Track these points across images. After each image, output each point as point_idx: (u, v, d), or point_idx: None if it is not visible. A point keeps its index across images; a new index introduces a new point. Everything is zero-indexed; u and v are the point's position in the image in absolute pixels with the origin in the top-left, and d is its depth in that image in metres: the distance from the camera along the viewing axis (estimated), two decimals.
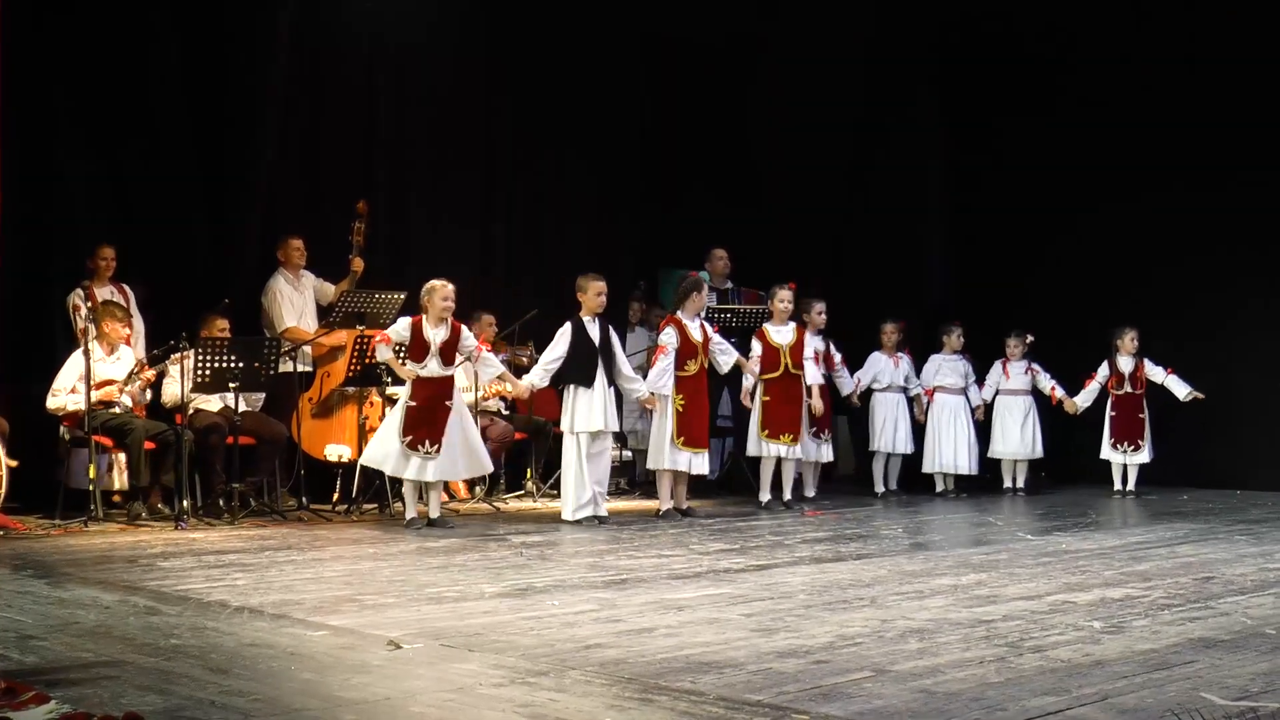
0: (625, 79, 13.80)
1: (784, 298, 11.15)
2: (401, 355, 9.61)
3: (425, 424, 9.36)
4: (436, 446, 9.34)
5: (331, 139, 11.86)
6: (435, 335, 9.48)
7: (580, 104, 13.38)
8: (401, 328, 9.55)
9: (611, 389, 9.96)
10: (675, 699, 4.31)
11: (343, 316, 10.62)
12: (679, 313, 10.43)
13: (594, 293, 9.91)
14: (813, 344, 11.69)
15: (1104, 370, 12.72)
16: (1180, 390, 12.40)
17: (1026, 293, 13.92)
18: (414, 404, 9.42)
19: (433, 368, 9.46)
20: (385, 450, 9.44)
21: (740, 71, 14.25)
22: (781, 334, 11.14)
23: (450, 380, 9.60)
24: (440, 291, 9.55)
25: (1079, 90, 13.84)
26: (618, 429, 10.55)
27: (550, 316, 11.40)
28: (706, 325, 10.58)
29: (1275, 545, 7.86)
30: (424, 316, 9.54)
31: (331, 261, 11.19)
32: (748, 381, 11.00)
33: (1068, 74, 13.93)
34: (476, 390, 11.31)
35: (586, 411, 9.82)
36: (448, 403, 9.49)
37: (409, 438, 9.33)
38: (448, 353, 9.51)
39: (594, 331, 9.91)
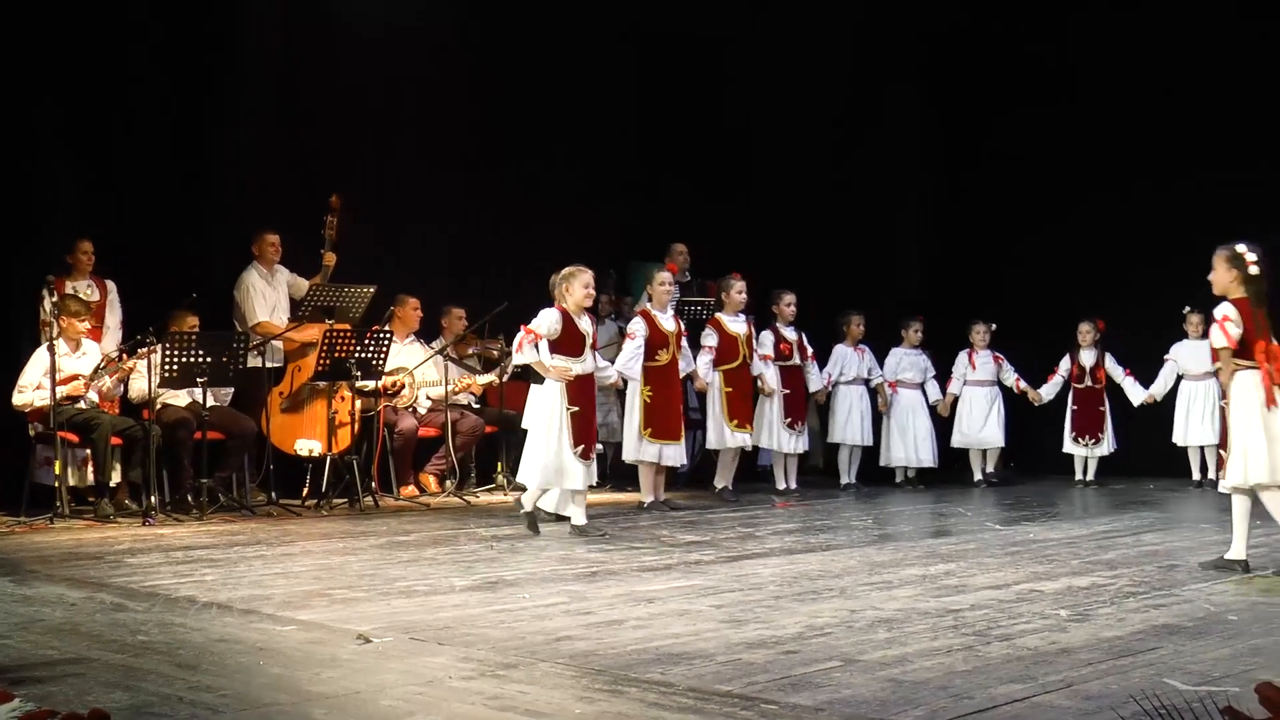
0: (605, 72, 13.77)
1: (737, 288, 11.17)
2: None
3: (589, 428, 8.79)
4: (594, 451, 8.89)
5: (306, 133, 11.81)
6: (586, 325, 8.89)
7: (559, 97, 13.35)
8: (552, 321, 8.67)
9: None
10: (645, 690, 4.33)
11: (312, 310, 10.60)
12: (649, 304, 10.45)
13: (579, 284, 9.72)
14: (786, 335, 11.74)
15: (1065, 363, 12.81)
16: (1136, 395, 12.49)
17: (1001, 286, 13.97)
18: (575, 409, 8.66)
19: (589, 363, 8.88)
20: (558, 464, 8.63)
21: (719, 64, 14.25)
22: (736, 324, 11.17)
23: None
24: (580, 278, 8.81)
25: (1060, 84, 13.88)
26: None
27: (525, 310, 11.41)
28: (679, 320, 10.59)
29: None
30: (564, 307, 8.79)
31: (304, 256, 11.15)
32: (697, 383, 11.01)
33: (1049, 68, 13.97)
34: (446, 384, 11.32)
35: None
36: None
37: (580, 446, 8.65)
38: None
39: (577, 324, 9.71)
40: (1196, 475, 12.62)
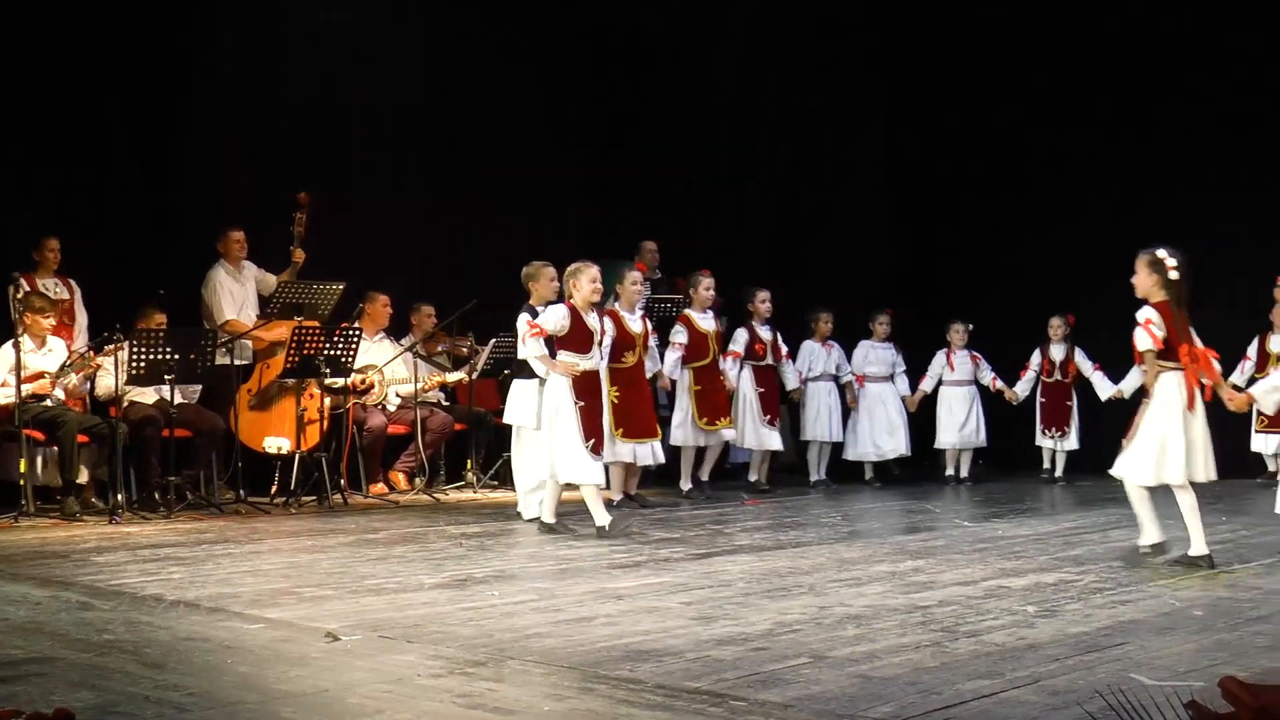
0: (572, 68, 13.78)
1: (705, 284, 11.18)
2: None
3: (598, 424, 8.77)
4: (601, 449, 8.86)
5: (274, 129, 11.77)
6: (594, 322, 8.87)
7: (527, 94, 13.34)
8: (560, 317, 8.67)
9: None
10: (614, 687, 4.32)
11: (281, 307, 10.57)
12: (616, 304, 10.43)
13: (547, 280, 9.63)
14: (761, 335, 11.74)
15: (1036, 358, 12.85)
16: (1104, 390, 12.54)
17: (973, 283, 14.01)
18: (582, 404, 8.62)
19: (596, 359, 8.88)
20: (571, 460, 8.58)
21: (688, 59, 14.24)
22: (706, 321, 11.17)
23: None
24: (588, 273, 8.75)
25: (1030, 81, 13.93)
26: None
27: (494, 307, 11.43)
28: (647, 320, 10.58)
29: (1203, 529, 7.95)
30: (573, 303, 8.76)
31: (274, 252, 11.11)
32: (661, 380, 11.01)
33: (1018, 64, 14.02)
34: (416, 381, 11.30)
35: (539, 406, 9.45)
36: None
37: (591, 441, 8.60)
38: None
39: None
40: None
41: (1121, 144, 13.35)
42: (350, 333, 10.39)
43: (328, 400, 10.48)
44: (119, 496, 9.31)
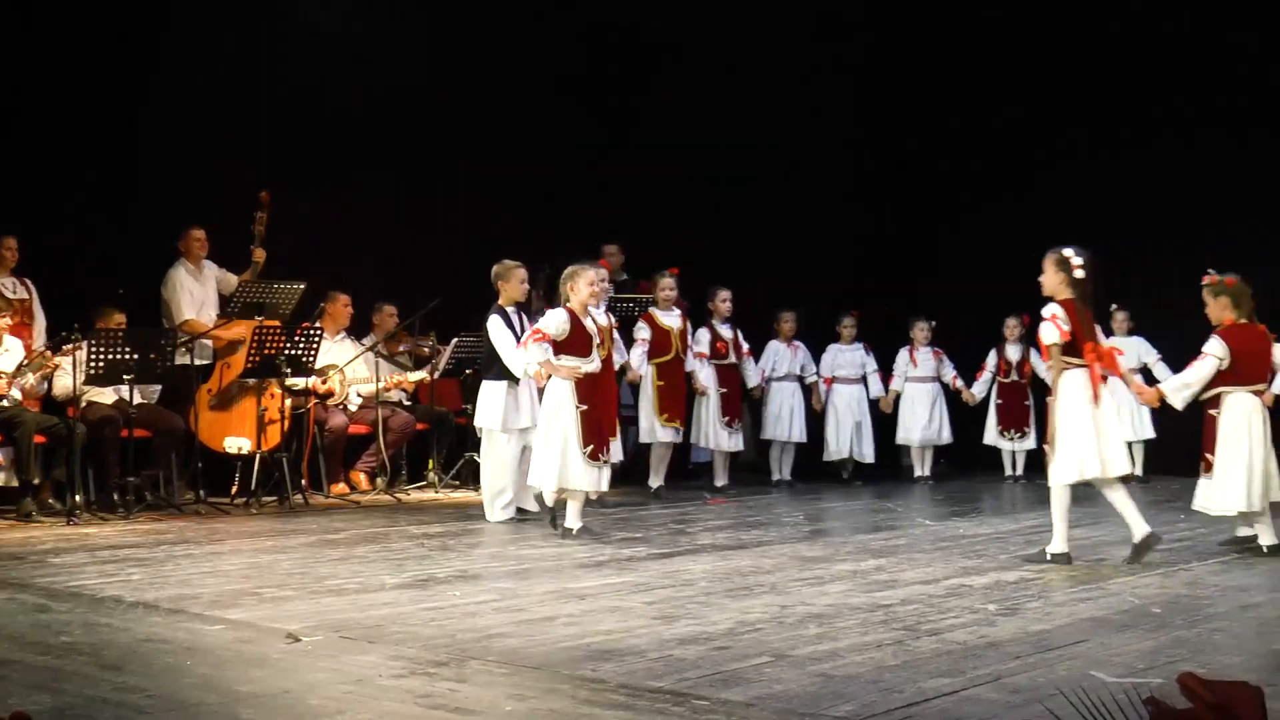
0: (534, 70, 13.74)
1: (666, 284, 11.19)
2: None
3: (603, 429, 8.62)
4: (609, 453, 8.74)
5: (236, 128, 11.70)
6: (594, 325, 8.76)
7: (490, 95, 13.31)
8: (560, 321, 8.54)
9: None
10: (577, 687, 4.32)
11: (241, 307, 10.51)
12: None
13: (518, 280, 9.58)
14: (722, 333, 11.76)
15: (992, 358, 12.91)
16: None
17: (937, 281, 14.07)
18: (585, 408, 8.50)
19: (597, 362, 8.72)
20: (565, 466, 8.44)
21: (650, 63, 14.24)
22: (669, 318, 11.18)
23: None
24: (585, 276, 8.66)
25: (1010, 83, 13.99)
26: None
27: (456, 307, 11.42)
28: (611, 315, 10.56)
29: (1163, 527, 8.02)
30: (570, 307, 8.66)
31: (235, 252, 11.05)
32: (629, 374, 11.02)
33: (980, 64, 14.08)
34: (377, 381, 11.26)
35: (515, 408, 9.45)
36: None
37: (590, 447, 8.46)
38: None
39: (517, 322, 9.50)
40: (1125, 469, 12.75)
41: (1098, 147, 13.42)
42: (311, 332, 10.34)
43: (289, 400, 10.43)
44: (77, 497, 9.23)
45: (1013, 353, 12.81)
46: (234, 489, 10.33)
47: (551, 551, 7.78)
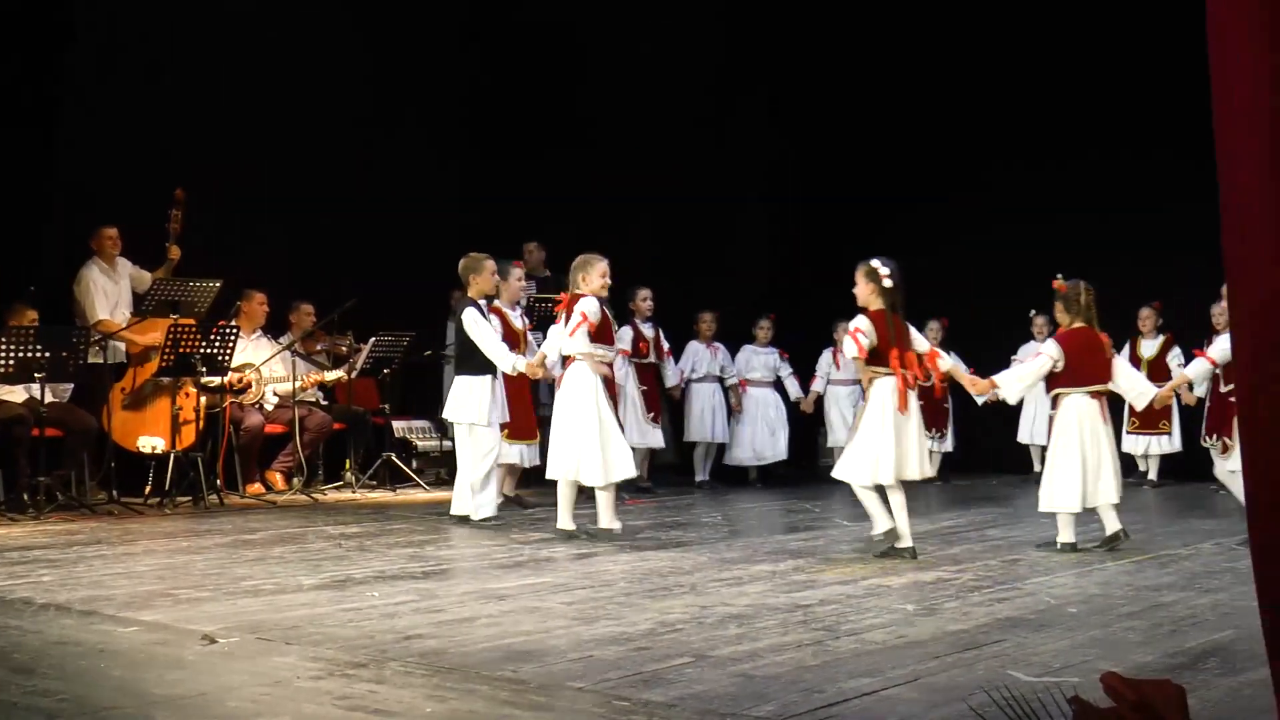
0: (452, 64, 13.70)
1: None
2: None
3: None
4: None
5: (149, 124, 11.55)
6: (610, 316, 8.73)
7: (407, 91, 13.24)
8: (596, 309, 8.44)
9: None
10: (496, 688, 4.30)
11: (156, 305, 10.37)
12: (499, 301, 10.37)
13: (488, 272, 9.43)
14: (644, 332, 11.76)
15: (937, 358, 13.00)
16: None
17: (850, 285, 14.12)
18: (612, 401, 8.65)
19: (612, 354, 8.81)
20: (608, 459, 8.37)
21: (571, 57, 14.22)
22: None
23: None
24: (599, 266, 8.54)
25: (911, 82, 14.11)
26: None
27: (373, 305, 11.35)
28: (525, 317, 10.54)
29: (1076, 528, 8.11)
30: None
31: (149, 249, 10.91)
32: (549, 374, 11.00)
33: (899, 64, 14.19)
34: (294, 380, 11.17)
35: (494, 402, 9.26)
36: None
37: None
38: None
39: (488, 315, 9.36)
40: (1038, 469, 12.93)
41: (1013, 157, 13.60)
42: (227, 331, 10.24)
43: (203, 399, 10.32)
44: None
45: None
46: (147, 489, 10.21)
47: (470, 551, 7.75)
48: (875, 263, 7.73)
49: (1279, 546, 2.89)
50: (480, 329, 9.06)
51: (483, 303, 9.30)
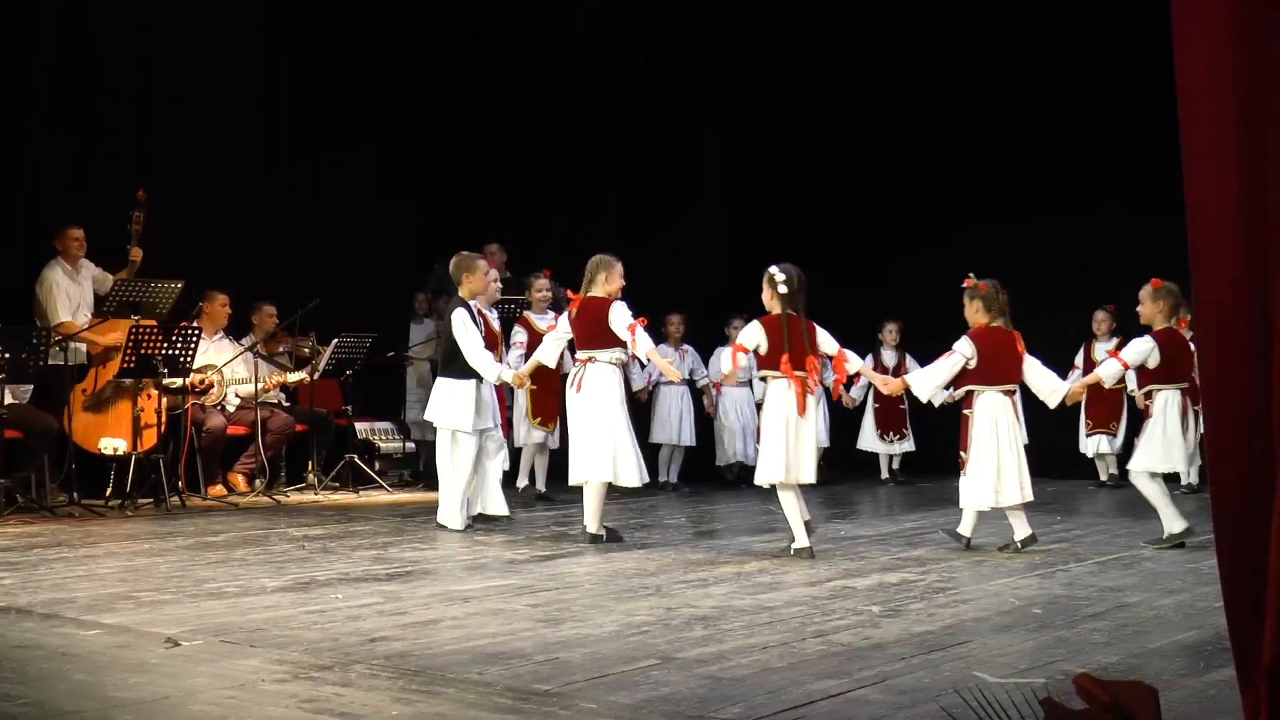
0: (403, 65, 13.66)
1: (540, 286, 11.15)
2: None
3: None
4: None
5: (112, 126, 11.48)
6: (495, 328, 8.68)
7: (358, 92, 13.19)
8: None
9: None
10: (463, 690, 4.29)
11: (117, 305, 10.29)
12: (475, 301, 10.28)
13: (481, 272, 9.28)
14: None
15: (869, 363, 13.02)
16: (938, 396, 12.81)
17: (820, 284, 14.13)
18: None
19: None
20: (619, 463, 8.35)
21: (521, 59, 14.19)
22: (544, 321, 11.14)
23: None
24: (618, 268, 8.49)
25: (865, 81, 14.13)
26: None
27: (335, 307, 11.31)
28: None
29: (1040, 529, 8.15)
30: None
31: (111, 250, 10.83)
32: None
33: (850, 64, 14.21)
34: (256, 381, 11.11)
35: (479, 408, 9.09)
36: None
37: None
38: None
39: (478, 317, 9.21)
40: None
41: (978, 164, 13.64)
42: (189, 332, 10.18)
43: (165, 401, 10.25)
44: None
45: (889, 358, 12.96)
46: (109, 491, 10.12)
47: (434, 554, 7.72)
48: (773, 269, 7.90)
49: (1242, 531, 2.90)
50: (469, 335, 8.90)
51: (474, 304, 9.19)
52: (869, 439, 13.15)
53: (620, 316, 8.32)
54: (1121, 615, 5.73)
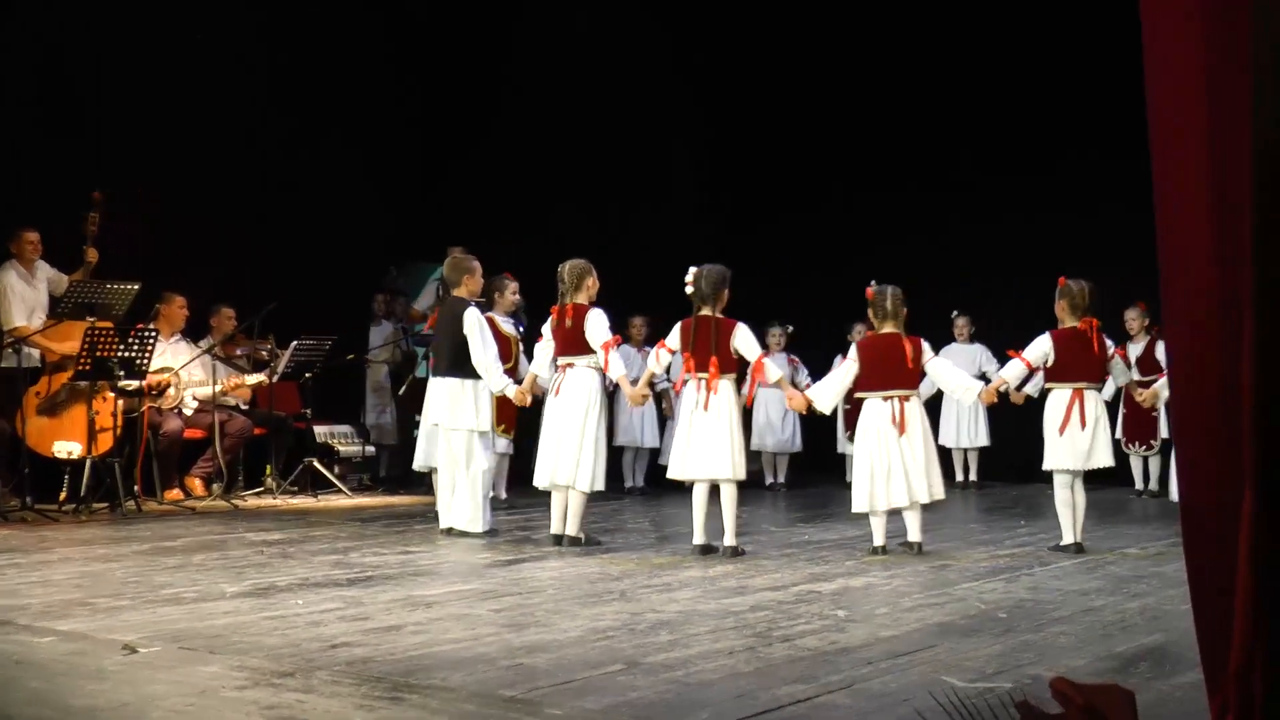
0: (380, 64, 13.59)
1: (511, 288, 11.10)
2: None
3: None
4: None
5: (67, 126, 11.35)
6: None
7: (334, 91, 13.11)
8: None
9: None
10: (426, 697, 4.23)
11: (72, 307, 10.17)
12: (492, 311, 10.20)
13: (478, 272, 9.17)
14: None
15: (838, 363, 13.03)
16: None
17: (791, 286, 14.15)
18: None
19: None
20: (601, 468, 8.42)
21: (494, 58, 14.14)
22: (509, 324, 11.08)
23: None
24: (594, 274, 8.49)
25: (850, 94, 14.15)
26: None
27: (294, 310, 11.22)
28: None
29: (1004, 533, 8.18)
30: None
31: (66, 252, 10.71)
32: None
33: (820, 60, 14.23)
34: (214, 384, 11.02)
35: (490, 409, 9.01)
36: None
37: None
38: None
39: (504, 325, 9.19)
40: (959, 476, 13.02)
41: (951, 161, 13.68)
42: (145, 334, 10.06)
43: (121, 403, 10.14)
44: None
45: None
46: (63, 495, 10.01)
47: (395, 559, 7.65)
48: (691, 270, 8.04)
49: (1211, 536, 2.89)
50: (485, 335, 8.80)
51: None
52: (843, 443, 13.12)
53: (597, 328, 8.29)
54: (1088, 619, 5.73)
